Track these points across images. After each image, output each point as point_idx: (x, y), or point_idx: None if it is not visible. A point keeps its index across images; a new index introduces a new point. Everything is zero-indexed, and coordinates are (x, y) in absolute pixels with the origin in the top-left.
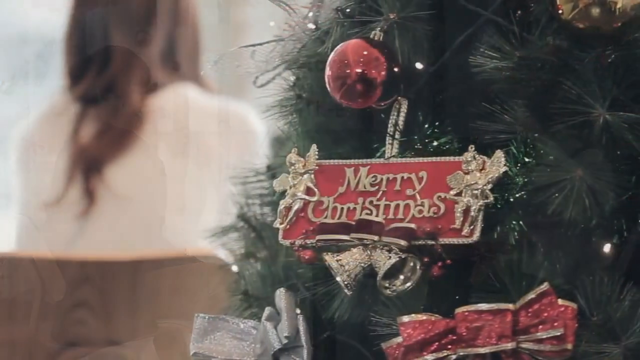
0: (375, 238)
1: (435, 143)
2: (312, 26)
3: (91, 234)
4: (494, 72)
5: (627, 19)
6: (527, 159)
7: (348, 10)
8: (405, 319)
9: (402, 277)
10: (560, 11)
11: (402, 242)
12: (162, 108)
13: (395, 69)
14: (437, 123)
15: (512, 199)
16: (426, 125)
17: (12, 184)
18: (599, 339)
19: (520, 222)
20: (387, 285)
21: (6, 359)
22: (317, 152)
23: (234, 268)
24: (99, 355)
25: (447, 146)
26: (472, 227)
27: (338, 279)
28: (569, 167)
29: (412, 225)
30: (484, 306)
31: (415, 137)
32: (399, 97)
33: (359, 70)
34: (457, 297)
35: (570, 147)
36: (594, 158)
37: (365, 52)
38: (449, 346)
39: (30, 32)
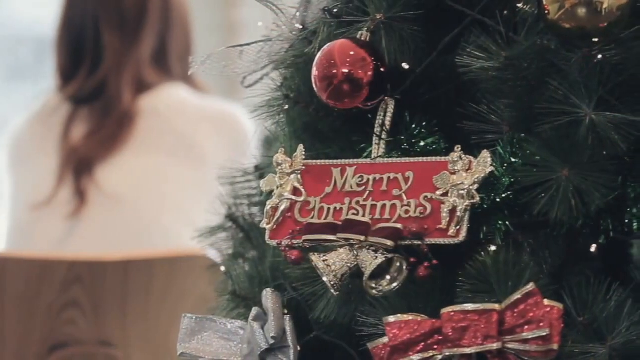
0: (362, 238)
1: (422, 143)
2: (299, 26)
3: (82, 234)
4: (480, 72)
5: (613, 19)
6: (513, 159)
7: (335, 10)
8: (391, 319)
9: (388, 277)
10: (546, 11)
11: (389, 243)
12: (153, 108)
13: (382, 69)
14: (423, 123)
15: (498, 199)
16: (413, 126)
17: (3, 184)
18: (585, 339)
19: (507, 222)
20: (373, 285)
21: None
22: (304, 153)
23: (222, 268)
24: (90, 355)
25: (433, 146)
26: (458, 227)
27: (324, 279)
28: (555, 167)
29: (399, 226)
30: (469, 306)
31: (402, 137)
32: (386, 97)
33: (345, 71)
34: (443, 297)
35: (556, 147)
36: (580, 158)
37: (351, 53)
38: (435, 346)
39: (27, 33)
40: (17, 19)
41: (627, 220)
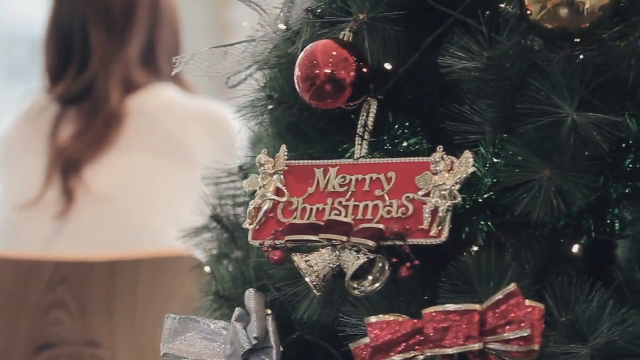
0: (344, 238)
1: (404, 143)
2: (282, 26)
3: (70, 234)
4: (462, 73)
5: (595, 19)
6: (495, 160)
7: (318, 10)
8: (373, 319)
9: (370, 277)
10: (528, 12)
11: (371, 243)
12: (141, 108)
13: (365, 70)
14: (406, 123)
15: (480, 200)
16: (395, 126)
17: None
18: (566, 339)
19: (489, 223)
20: (355, 285)
21: None
22: (286, 153)
23: (207, 268)
24: (76, 356)
25: (416, 147)
26: (440, 227)
27: (307, 279)
28: (537, 168)
29: (381, 226)
30: (451, 307)
31: (385, 137)
32: (368, 98)
33: (328, 71)
34: (425, 298)
35: (538, 147)
36: (562, 158)
37: (334, 53)
38: (417, 347)
39: (24, 33)
40: (14, 19)
41: (609, 221)
